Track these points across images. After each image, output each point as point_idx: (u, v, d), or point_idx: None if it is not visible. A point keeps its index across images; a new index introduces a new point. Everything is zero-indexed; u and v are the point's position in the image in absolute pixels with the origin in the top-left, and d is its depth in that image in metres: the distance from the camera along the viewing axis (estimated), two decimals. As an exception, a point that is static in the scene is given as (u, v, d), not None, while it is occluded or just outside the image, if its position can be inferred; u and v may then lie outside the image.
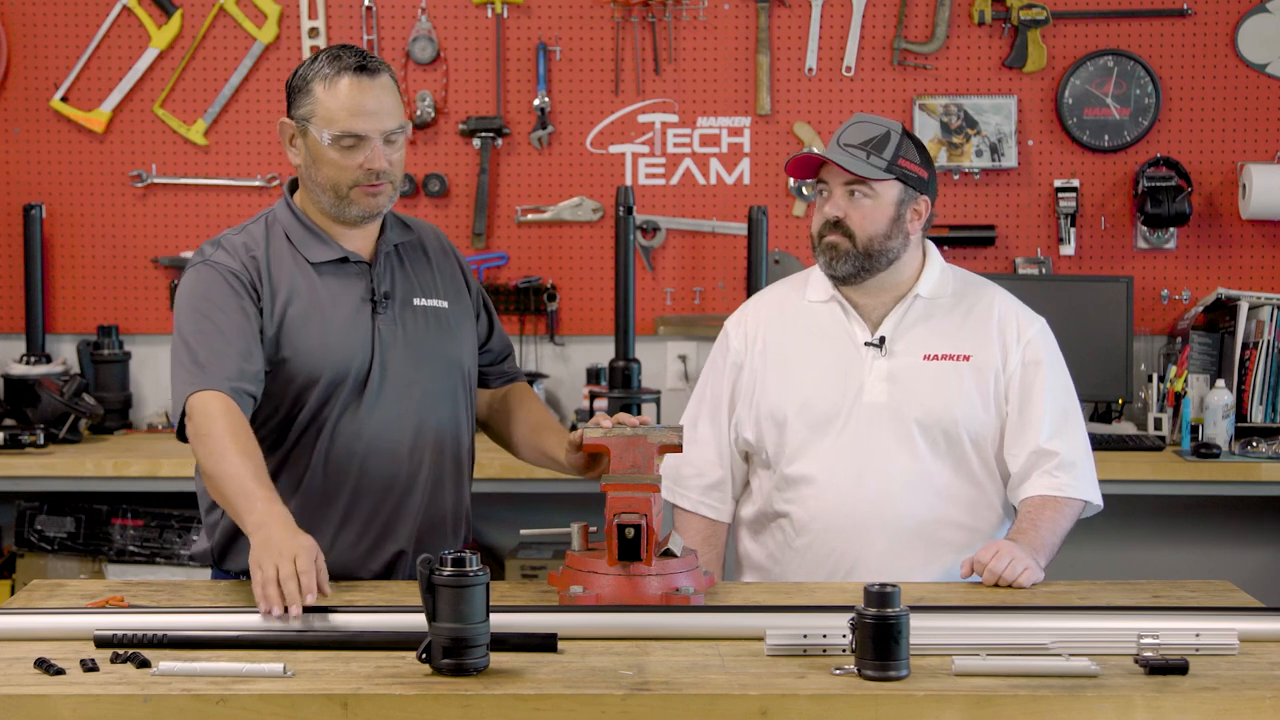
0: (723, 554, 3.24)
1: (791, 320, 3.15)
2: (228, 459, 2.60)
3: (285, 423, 2.82)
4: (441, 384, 2.89)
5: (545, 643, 2.34)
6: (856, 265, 3.03)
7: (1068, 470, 3.03)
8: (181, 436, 2.74)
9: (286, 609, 2.37)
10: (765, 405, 3.10)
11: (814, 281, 3.16)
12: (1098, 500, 3.10)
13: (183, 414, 2.71)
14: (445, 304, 2.92)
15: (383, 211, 2.82)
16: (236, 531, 2.83)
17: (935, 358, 3.06)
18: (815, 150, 3.07)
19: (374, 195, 2.78)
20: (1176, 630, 2.35)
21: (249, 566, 2.45)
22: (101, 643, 2.33)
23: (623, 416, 2.80)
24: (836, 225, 3.02)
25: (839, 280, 3.07)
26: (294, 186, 2.91)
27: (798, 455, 3.07)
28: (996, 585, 2.82)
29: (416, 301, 2.89)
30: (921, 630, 2.28)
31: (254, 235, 2.84)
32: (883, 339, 3.06)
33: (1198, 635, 2.34)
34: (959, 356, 3.06)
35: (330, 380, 2.79)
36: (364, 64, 2.75)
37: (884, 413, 3.03)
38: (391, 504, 2.84)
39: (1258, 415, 4.53)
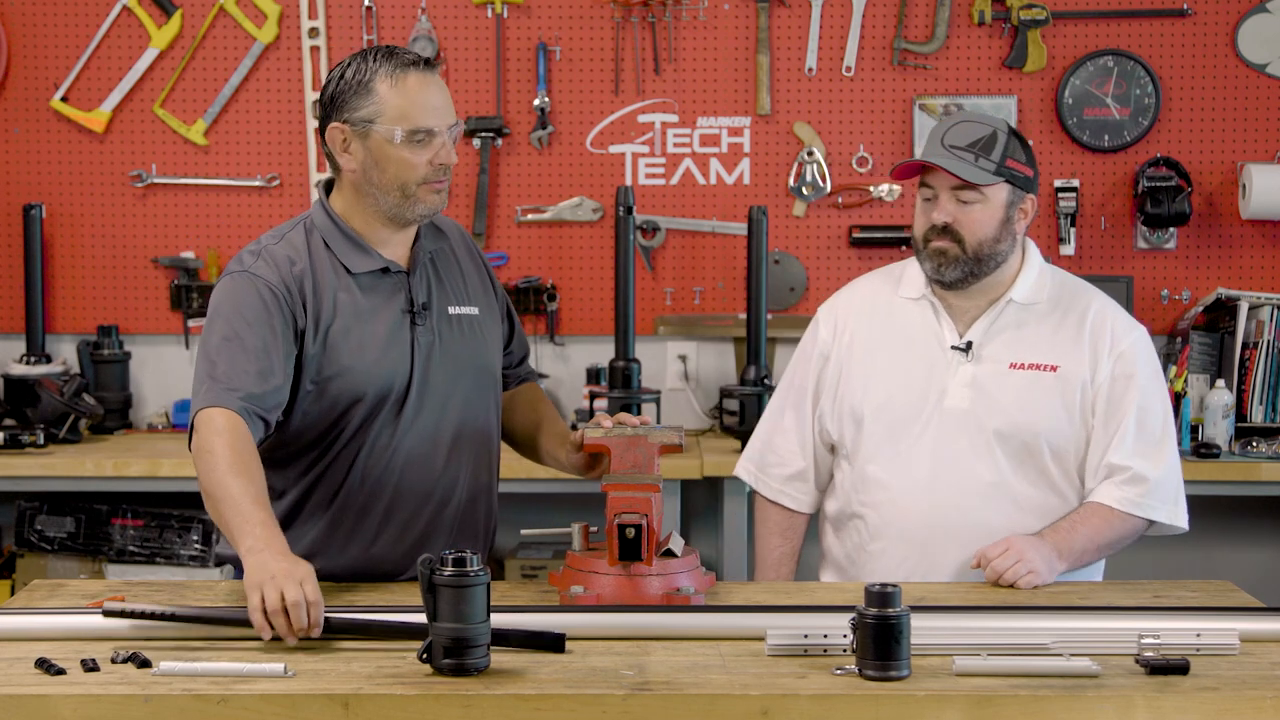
0: (798, 549, 3.19)
1: (882, 315, 3.09)
2: (227, 478, 2.56)
3: (325, 438, 2.78)
4: (476, 393, 2.86)
5: (553, 644, 2.33)
6: (965, 270, 2.97)
7: (1138, 485, 2.96)
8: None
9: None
10: (847, 400, 3.06)
11: (909, 277, 3.10)
12: (1175, 521, 3.01)
13: (191, 425, 2.68)
14: (476, 310, 2.90)
15: (442, 208, 2.79)
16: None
17: (1021, 366, 2.99)
18: (921, 157, 2.98)
19: (439, 191, 2.75)
20: (1177, 630, 2.35)
21: (245, 588, 2.40)
22: (110, 613, 2.36)
23: (623, 416, 2.80)
24: (945, 230, 2.95)
25: (944, 285, 3.00)
26: (328, 188, 2.86)
27: (874, 456, 3.02)
28: (997, 584, 2.80)
29: (451, 310, 2.86)
30: (922, 630, 2.28)
31: (295, 246, 2.77)
32: (970, 344, 3.00)
33: (1198, 635, 2.34)
34: (1046, 367, 2.99)
35: (374, 397, 2.76)
36: (424, 59, 2.74)
37: (965, 420, 2.97)
38: (428, 515, 2.82)
39: (1258, 415, 4.53)
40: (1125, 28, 4.81)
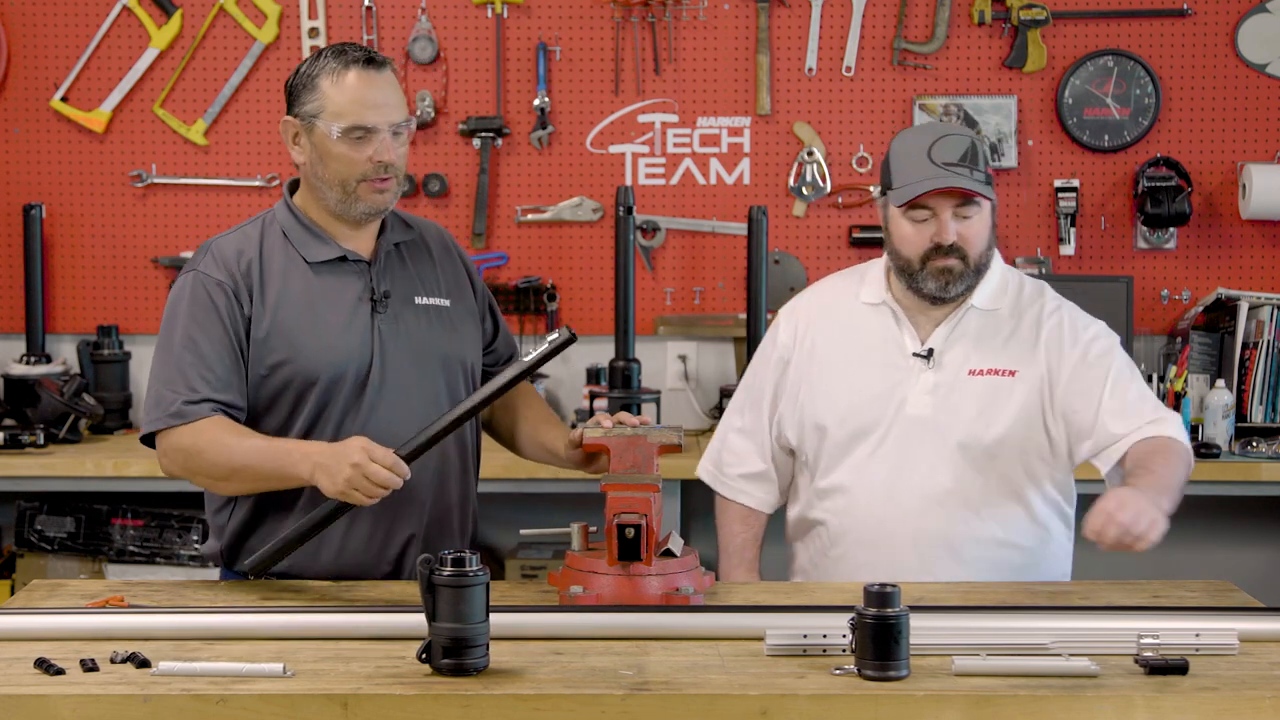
0: (760, 536, 3.18)
1: (843, 321, 3.08)
2: (238, 449, 2.68)
3: (287, 425, 2.81)
4: (444, 381, 2.89)
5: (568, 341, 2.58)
6: (968, 284, 2.95)
7: (1170, 424, 2.90)
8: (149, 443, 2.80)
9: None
10: (808, 410, 3.05)
11: (869, 281, 3.09)
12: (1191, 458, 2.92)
13: (151, 437, 2.76)
14: (447, 302, 2.91)
15: (388, 208, 2.82)
16: (246, 532, 2.84)
17: (980, 373, 2.97)
18: (930, 181, 2.90)
19: (381, 191, 2.78)
20: (1176, 630, 2.35)
21: (334, 498, 2.60)
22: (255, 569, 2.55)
23: (623, 416, 2.80)
24: (951, 249, 2.91)
25: (944, 301, 2.97)
26: (294, 188, 2.91)
27: (835, 464, 3.02)
28: (1122, 546, 2.56)
29: (418, 300, 2.89)
30: (921, 630, 2.28)
31: (248, 236, 2.84)
32: (931, 351, 2.99)
33: (1198, 635, 2.33)
34: (1005, 372, 2.97)
35: (329, 380, 2.79)
36: (370, 57, 2.77)
37: (926, 427, 2.96)
38: (397, 502, 2.84)
39: (1258, 415, 4.53)
40: (1125, 28, 4.81)
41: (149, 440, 2.80)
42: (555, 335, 2.66)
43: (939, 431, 2.96)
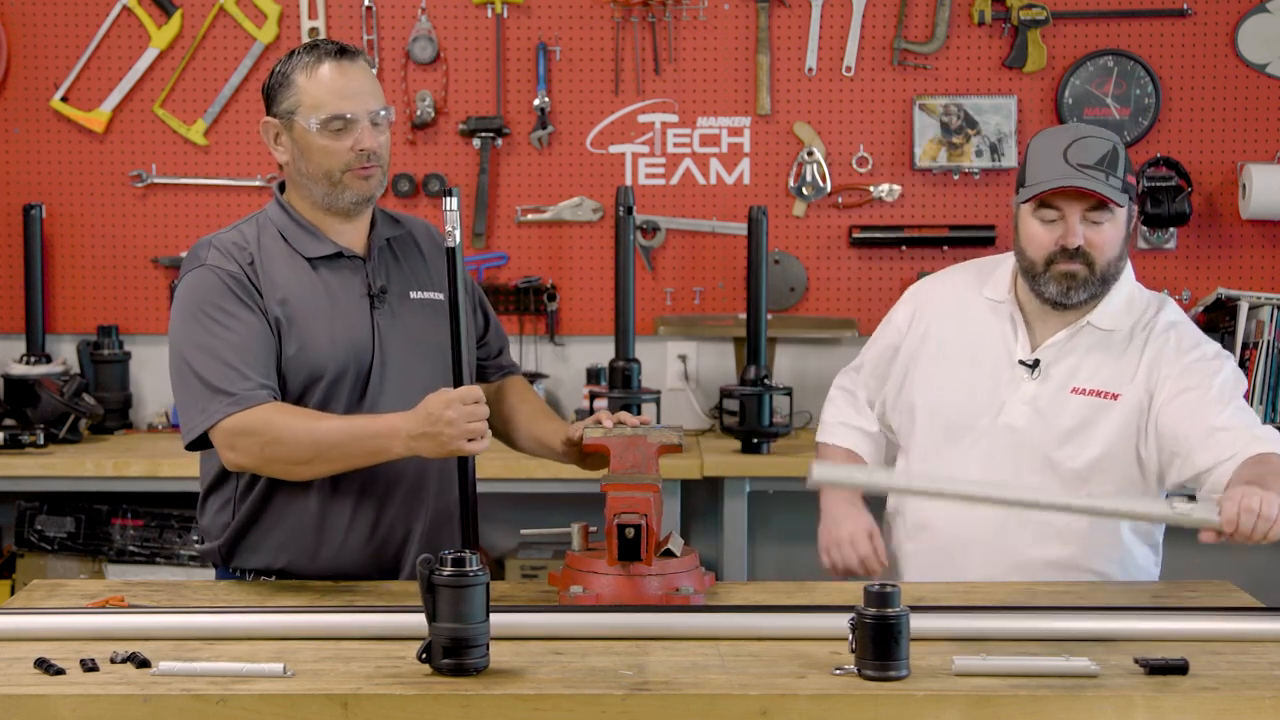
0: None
1: (961, 313, 3.03)
2: (319, 431, 2.68)
3: None
4: (442, 375, 2.88)
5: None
6: (1092, 291, 2.88)
7: (1270, 441, 2.75)
8: (197, 446, 2.76)
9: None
10: (907, 394, 3.04)
11: (996, 278, 3.02)
12: None
13: (203, 436, 2.71)
14: (440, 296, 2.92)
15: (375, 195, 2.83)
16: (244, 530, 2.84)
17: (1083, 392, 2.90)
18: (1059, 179, 2.82)
19: (366, 178, 2.79)
20: (1176, 631, 2.36)
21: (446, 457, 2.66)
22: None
23: (623, 416, 2.80)
24: (1076, 253, 2.84)
25: (1067, 306, 2.90)
26: (283, 188, 2.91)
27: (926, 456, 3.00)
28: (1252, 534, 2.48)
29: (413, 295, 2.90)
30: (921, 630, 2.28)
31: (244, 234, 2.84)
32: (1038, 361, 2.93)
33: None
34: (1107, 394, 2.89)
35: (335, 374, 2.79)
36: (341, 49, 2.79)
37: (1018, 438, 2.91)
38: (401, 496, 2.84)
39: (1258, 415, 4.52)
40: (1125, 28, 4.81)
41: (202, 442, 2.74)
42: None
43: (1030, 445, 2.90)
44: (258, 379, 2.71)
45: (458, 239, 2.71)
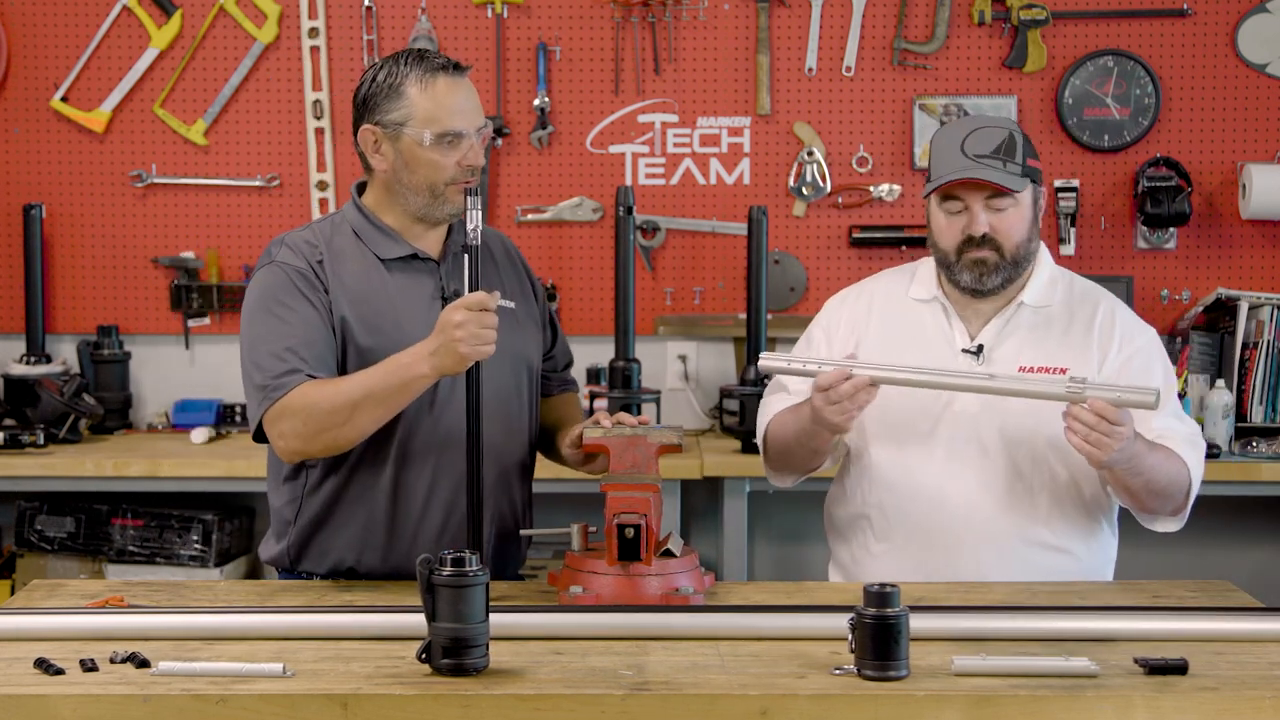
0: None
1: (893, 316, 3.06)
2: (348, 385, 2.68)
3: None
4: (511, 380, 2.90)
5: None
6: (1005, 276, 2.94)
7: (1189, 447, 2.90)
8: (260, 439, 2.77)
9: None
10: None
11: (920, 278, 3.07)
12: (1187, 506, 2.93)
13: (259, 425, 2.73)
14: (512, 304, 2.93)
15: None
16: (313, 532, 2.85)
17: (1031, 370, 2.93)
18: (953, 172, 2.90)
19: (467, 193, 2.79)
20: (1176, 631, 2.36)
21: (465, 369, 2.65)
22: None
23: (622, 416, 2.80)
24: (983, 240, 2.90)
25: (982, 294, 2.96)
26: (360, 189, 2.92)
27: (882, 458, 3.00)
28: (1086, 438, 2.65)
29: None
30: (921, 630, 2.28)
31: (319, 232, 2.87)
32: (980, 347, 2.97)
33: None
34: (1056, 370, 2.92)
35: None
36: (455, 64, 2.81)
37: (973, 424, 2.94)
38: (460, 497, 2.82)
39: (1258, 415, 4.53)
40: (1125, 28, 4.81)
41: (262, 435, 2.77)
42: None
43: (987, 428, 2.93)
44: (296, 364, 2.72)
45: (479, 239, 2.71)
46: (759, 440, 3.16)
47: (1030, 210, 2.94)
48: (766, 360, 2.89)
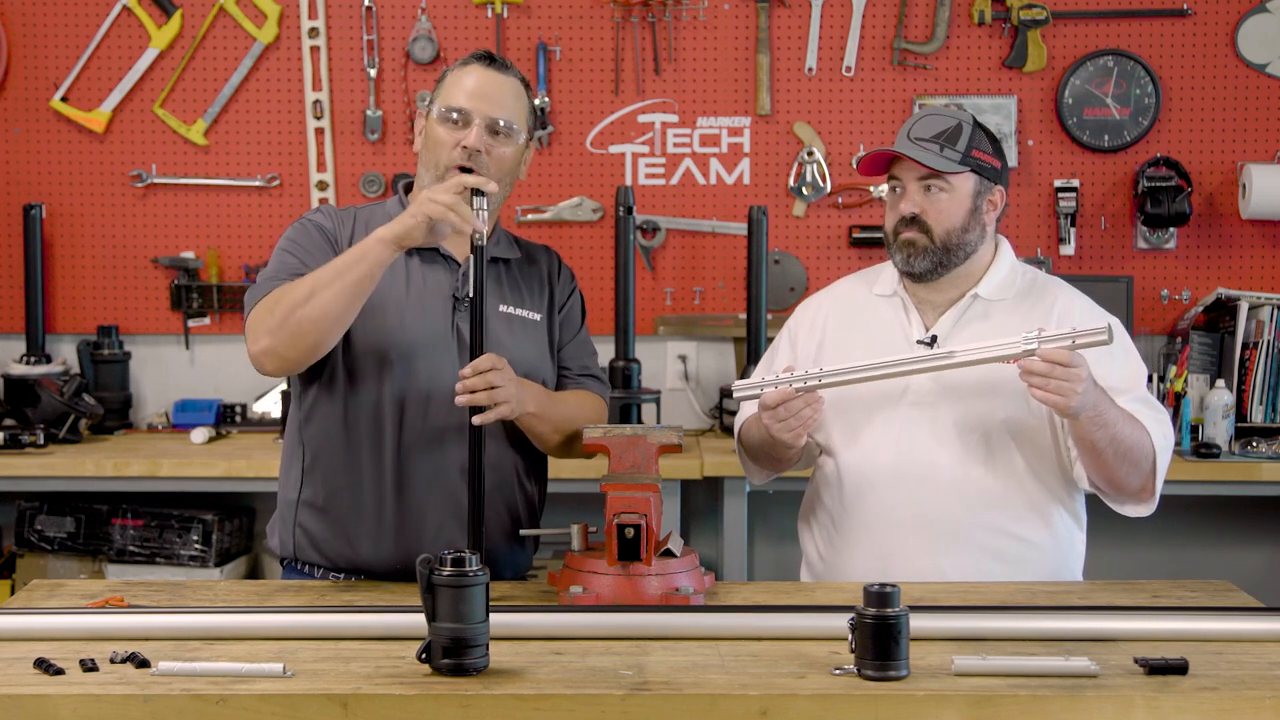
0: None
1: (853, 311, 3.11)
2: (309, 273, 2.70)
3: (380, 390, 2.82)
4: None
5: None
6: (934, 260, 2.98)
7: (1154, 417, 2.89)
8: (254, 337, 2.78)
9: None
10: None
11: (883, 277, 3.13)
12: (1158, 480, 2.92)
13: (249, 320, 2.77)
14: (537, 317, 2.94)
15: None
16: (314, 522, 2.86)
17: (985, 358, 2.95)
18: (886, 147, 3.01)
19: None
20: (1176, 631, 2.36)
21: (422, 226, 2.66)
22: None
23: (477, 363, 2.76)
24: (913, 221, 2.97)
25: (915, 277, 3.01)
26: (409, 189, 2.97)
27: (840, 449, 3.03)
28: (1044, 384, 2.68)
29: (502, 308, 2.91)
30: (921, 630, 2.28)
31: (355, 211, 2.96)
32: (934, 337, 3.01)
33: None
34: (1009, 357, 2.89)
35: (403, 358, 2.81)
36: (492, 57, 2.88)
37: (927, 412, 2.97)
38: (460, 499, 2.82)
39: (1258, 415, 4.53)
40: (1125, 28, 4.81)
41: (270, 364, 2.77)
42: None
43: (940, 416, 2.96)
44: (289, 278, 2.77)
45: (484, 240, 2.71)
46: (735, 442, 3.21)
47: (969, 200, 2.98)
48: (740, 389, 2.93)
